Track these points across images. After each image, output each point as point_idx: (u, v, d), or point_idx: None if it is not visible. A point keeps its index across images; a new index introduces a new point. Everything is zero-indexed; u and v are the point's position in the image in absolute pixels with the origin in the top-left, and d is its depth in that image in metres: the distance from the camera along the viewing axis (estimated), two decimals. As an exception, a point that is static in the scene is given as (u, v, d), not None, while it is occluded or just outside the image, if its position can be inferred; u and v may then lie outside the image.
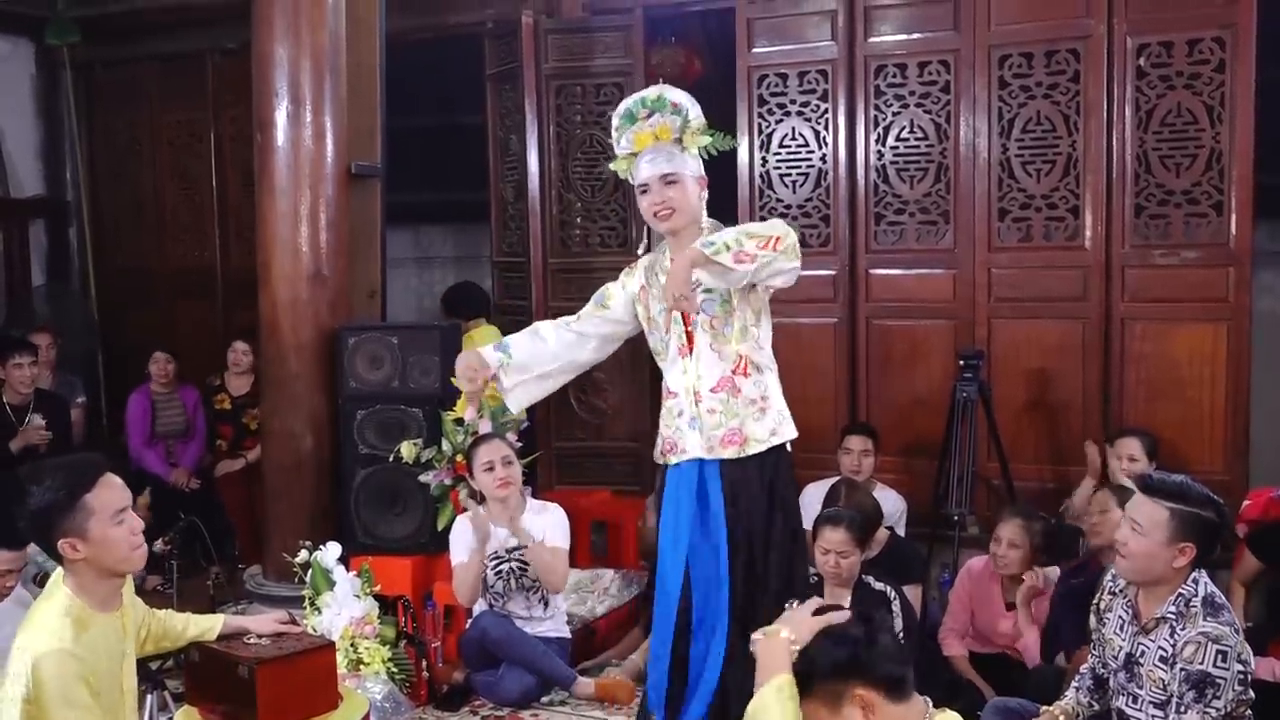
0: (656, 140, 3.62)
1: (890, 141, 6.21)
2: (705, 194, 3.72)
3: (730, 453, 3.62)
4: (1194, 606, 3.13)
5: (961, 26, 6.01)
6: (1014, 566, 4.62)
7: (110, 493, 2.89)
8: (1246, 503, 5.00)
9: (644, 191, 3.63)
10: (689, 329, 3.64)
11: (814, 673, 2.45)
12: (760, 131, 6.45)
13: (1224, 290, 5.58)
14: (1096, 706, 3.44)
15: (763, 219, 6.45)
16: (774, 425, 3.67)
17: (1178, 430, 5.67)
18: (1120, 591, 3.37)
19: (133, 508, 2.97)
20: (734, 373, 3.61)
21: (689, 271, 3.37)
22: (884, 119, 6.22)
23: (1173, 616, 3.16)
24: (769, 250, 3.38)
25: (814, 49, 6.35)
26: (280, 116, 5.51)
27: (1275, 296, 6.82)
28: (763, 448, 3.64)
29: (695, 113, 3.65)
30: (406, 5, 6.73)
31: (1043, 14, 5.86)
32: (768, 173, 6.45)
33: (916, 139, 6.16)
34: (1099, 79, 5.72)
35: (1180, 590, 3.17)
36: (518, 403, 3.84)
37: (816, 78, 6.33)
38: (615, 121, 3.74)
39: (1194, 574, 3.18)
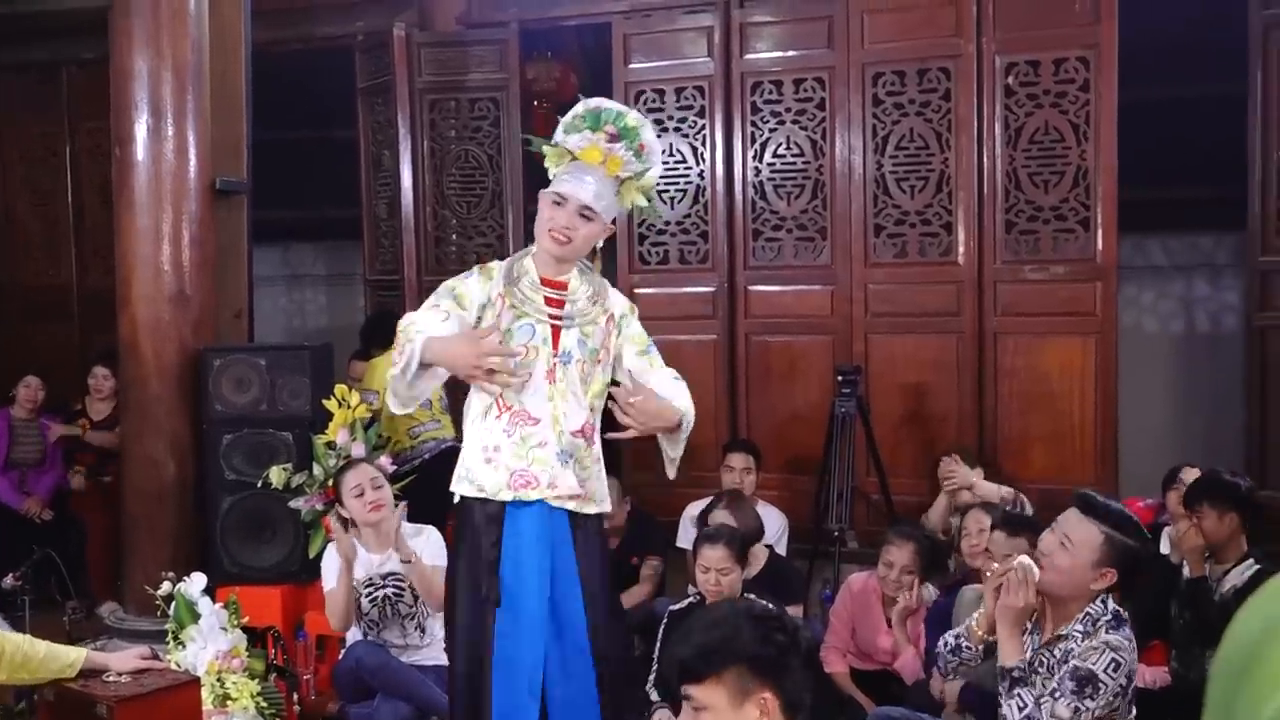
0: (603, 166, 3.29)
1: (767, 158, 6.29)
2: (603, 241, 3.45)
3: (574, 505, 3.37)
4: (1100, 625, 3.19)
5: (836, 44, 6.12)
6: (907, 589, 4.64)
7: None
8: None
9: (557, 203, 3.29)
10: (555, 359, 3.35)
11: (729, 656, 2.35)
12: (637, 147, 6.46)
13: (1092, 304, 5.75)
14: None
15: (641, 236, 6.49)
16: (604, 493, 3.49)
17: (1050, 442, 5.84)
18: None
19: None
20: (589, 423, 3.40)
21: (663, 420, 3.30)
22: (761, 135, 6.30)
23: (1079, 634, 3.20)
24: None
25: (691, 65, 6.41)
26: (140, 130, 5.37)
27: (1139, 309, 7.07)
28: (595, 510, 3.44)
29: (655, 173, 3.40)
30: (273, 16, 6.61)
31: (914, 33, 6.00)
32: (645, 189, 6.46)
33: (793, 155, 6.25)
34: (969, 97, 5.88)
35: (1088, 609, 3.21)
36: (418, 399, 3.35)
37: (694, 94, 6.38)
38: (579, 110, 3.35)
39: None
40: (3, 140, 8.10)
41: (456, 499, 3.45)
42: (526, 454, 3.32)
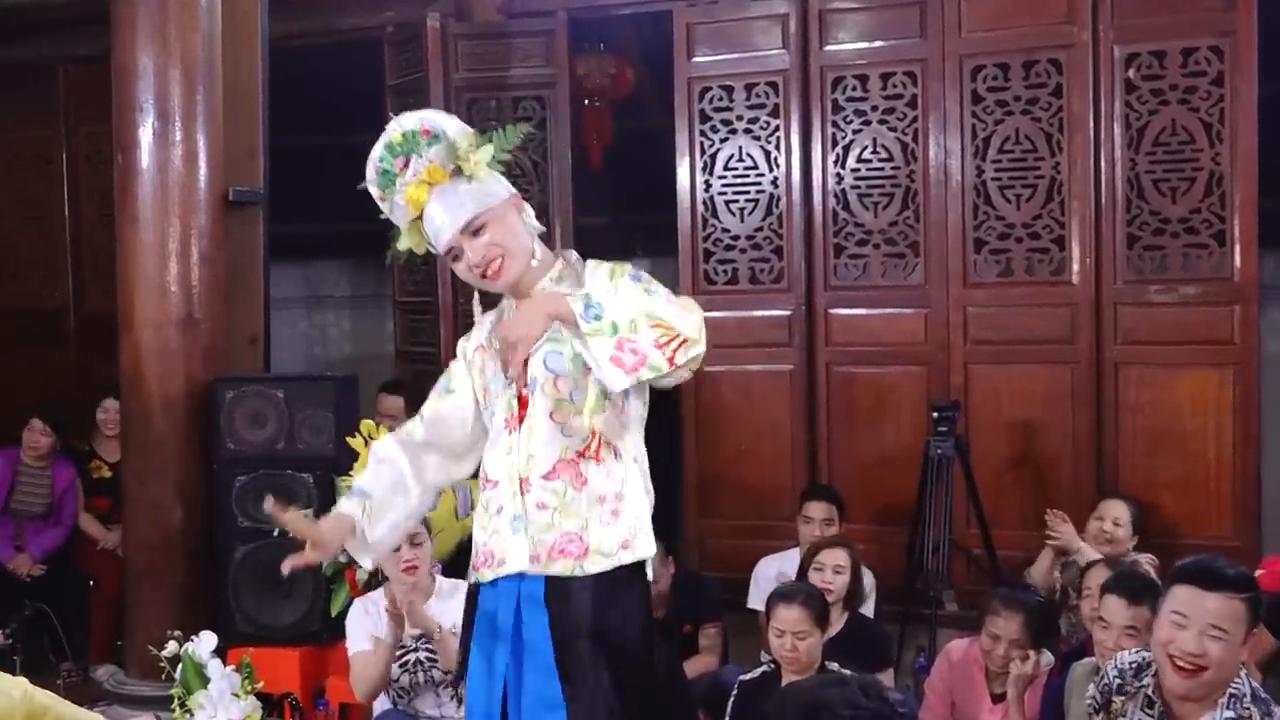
0: (433, 189, 3.11)
1: (850, 163, 6.30)
2: (529, 213, 3.22)
3: (562, 567, 3.04)
4: (1248, 708, 3.11)
5: (929, 33, 6.14)
6: (1020, 660, 4.58)
7: None
8: (1260, 572, 5.08)
9: (456, 258, 3.12)
10: (523, 392, 3.09)
11: None
12: (703, 151, 6.52)
13: (1228, 330, 5.71)
14: None
15: (707, 252, 6.52)
16: (627, 535, 3.07)
17: (1180, 489, 5.79)
18: (1131, 692, 3.29)
19: None
20: (580, 455, 3.05)
21: (544, 319, 2.89)
22: (843, 137, 6.32)
23: None
24: (664, 352, 2.85)
25: (763, 58, 6.45)
26: (145, 135, 5.47)
27: (1286, 337, 6.99)
28: (608, 565, 3.04)
29: (455, 127, 3.17)
30: (293, 6, 6.73)
31: (1019, 19, 6.00)
32: (711, 199, 6.51)
33: (880, 160, 6.26)
34: (1084, 93, 5.86)
35: (1230, 690, 3.12)
36: (379, 555, 3.42)
37: (766, 90, 6.42)
38: (375, 190, 3.29)
39: None
40: (-9, 147, 8.29)
41: None
42: (488, 524, 3.16)
